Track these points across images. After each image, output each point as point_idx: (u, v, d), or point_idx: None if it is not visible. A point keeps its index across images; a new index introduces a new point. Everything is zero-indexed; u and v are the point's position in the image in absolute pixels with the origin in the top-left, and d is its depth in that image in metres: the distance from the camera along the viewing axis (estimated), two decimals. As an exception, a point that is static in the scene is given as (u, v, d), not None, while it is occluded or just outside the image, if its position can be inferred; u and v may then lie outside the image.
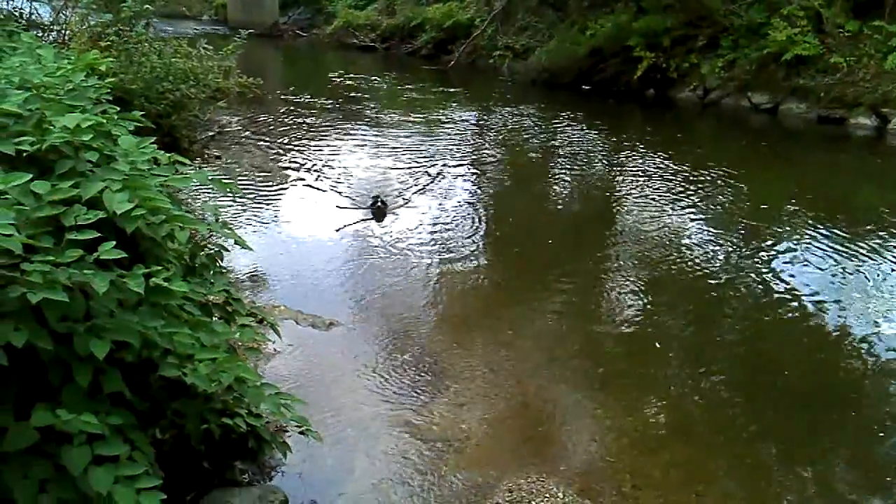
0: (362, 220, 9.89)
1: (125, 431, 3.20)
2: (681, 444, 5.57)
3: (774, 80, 17.66)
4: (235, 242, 5.30)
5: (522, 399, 6.06)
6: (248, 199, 10.59)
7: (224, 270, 5.31)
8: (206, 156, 11.40)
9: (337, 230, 9.40)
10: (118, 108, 4.49)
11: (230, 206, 9.86)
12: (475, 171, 13.07)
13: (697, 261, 9.01)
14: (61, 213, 3.10)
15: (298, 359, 6.48)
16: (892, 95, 15.80)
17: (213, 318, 4.29)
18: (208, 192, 9.46)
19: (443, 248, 9.21)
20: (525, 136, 16.03)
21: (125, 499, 2.81)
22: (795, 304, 7.84)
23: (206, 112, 11.76)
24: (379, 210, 10.01)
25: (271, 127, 15.72)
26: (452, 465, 5.12)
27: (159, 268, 3.22)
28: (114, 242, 3.09)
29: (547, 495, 4.80)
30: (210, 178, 4.04)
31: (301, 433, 4.81)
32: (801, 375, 6.72)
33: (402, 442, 5.37)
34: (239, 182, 11.08)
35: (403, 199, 10.80)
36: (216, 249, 5.09)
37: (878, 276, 8.56)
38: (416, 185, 11.40)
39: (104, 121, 3.63)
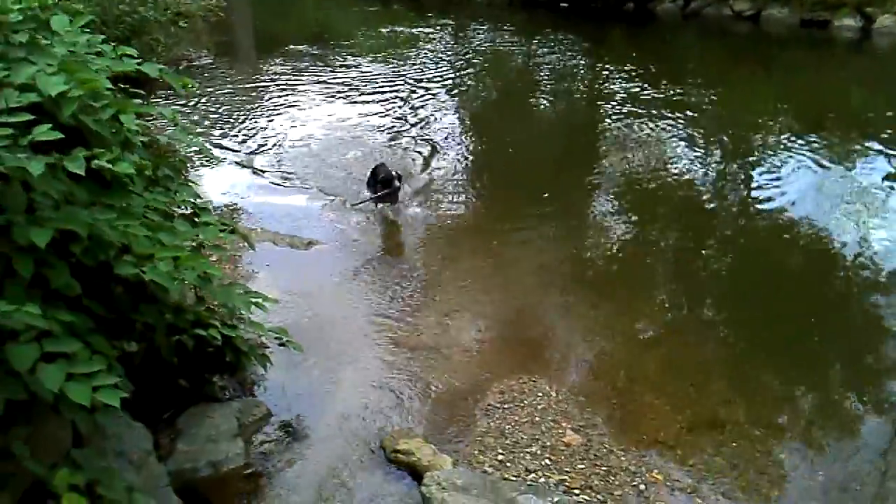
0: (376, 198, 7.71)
1: (83, 335, 2.97)
2: (673, 341, 5.42)
3: (756, -15, 17.20)
4: (198, 151, 5.03)
5: (511, 305, 5.88)
6: (218, 126, 10.18)
7: (190, 183, 5.02)
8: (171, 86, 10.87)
9: (353, 205, 7.67)
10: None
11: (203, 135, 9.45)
12: (456, 97, 12.41)
13: (683, 174, 8.72)
14: (-11, 96, 2.80)
15: (278, 278, 6.21)
16: (878, -6, 15.40)
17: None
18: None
19: (427, 168, 8.88)
20: (504, 59, 15.54)
21: (79, 396, 2.58)
22: (782, 213, 7.58)
23: (170, 42, 11.20)
24: (395, 189, 7.60)
25: (241, 61, 15.18)
26: (441, 372, 4.93)
27: (102, 150, 2.92)
28: (49, 125, 2.80)
29: (539, 394, 4.64)
30: (160, 69, 3.70)
31: (281, 345, 4.61)
32: (788, 280, 6.52)
33: (389, 353, 5.18)
34: (208, 109, 10.71)
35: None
36: (179, 159, 4.81)
37: (864, 182, 8.27)
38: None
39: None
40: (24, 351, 2.57)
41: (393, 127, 10.44)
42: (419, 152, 9.38)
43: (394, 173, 7.62)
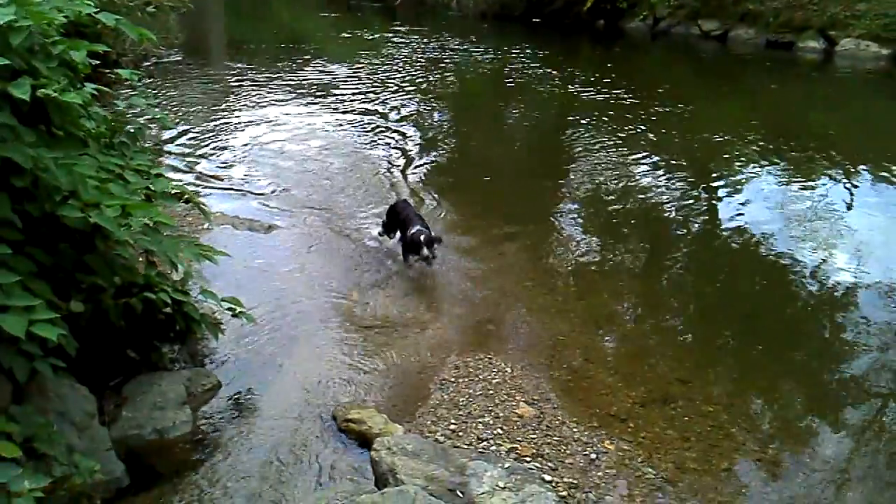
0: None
1: (24, 279, 2.89)
2: (629, 327, 5.43)
3: (723, 6, 17.58)
4: (156, 118, 4.97)
5: (470, 288, 5.85)
6: (182, 127, 10.04)
7: (146, 149, 4.94)
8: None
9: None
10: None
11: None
12: (430, 108, 12.22)
13: (649, 188, 8.66)
14: (-68, 25, 2.72)
15: (236, 259, 6.11)
16: (840, 17, 15.78)
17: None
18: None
19: (397, 167, 8.83)
20: (477, 71, 15.56)
21: (14, 327, 2.50)
22: (744, 228, 7.51)
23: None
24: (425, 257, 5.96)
25: (211, 60, 15.06)
26: (396, 349, 4.89)
27: (49, 80, 2.86)
28: (-5, 55, 2.73)
29: (494, 370, 4.61)
30: (117, 19, 3.63)
31: (234, 315, 4.53)
32: (745, 283, 6.51)
33: (344, 330, 5.12)
34: (174, 109, 10.60)
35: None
36: (138, 127, 4.72)
37: (826, 200, 8.27)
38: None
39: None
40: (-44, 278, 2.49)
41: (355, 126, 10.48)
42: (384, 150, 9.39)
43: (423, 237, 5.91)
